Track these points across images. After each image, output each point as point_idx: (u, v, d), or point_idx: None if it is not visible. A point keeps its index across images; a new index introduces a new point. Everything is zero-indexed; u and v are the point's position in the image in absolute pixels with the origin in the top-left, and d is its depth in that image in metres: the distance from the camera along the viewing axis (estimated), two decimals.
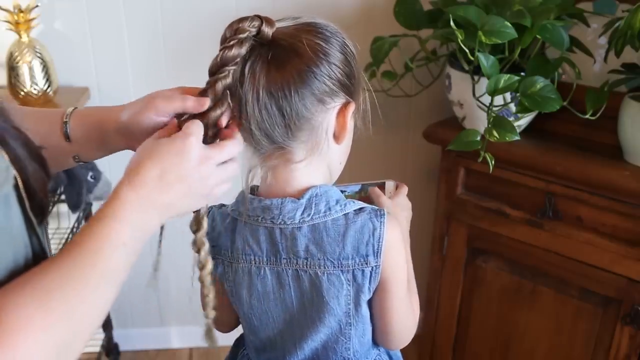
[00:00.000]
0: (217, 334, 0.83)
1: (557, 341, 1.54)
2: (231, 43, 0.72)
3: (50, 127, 0.81)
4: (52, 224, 1.75)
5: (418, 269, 1.03)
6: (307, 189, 0.81)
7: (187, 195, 0.69)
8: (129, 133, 0.77)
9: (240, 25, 0.73)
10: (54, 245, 1.56)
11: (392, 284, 0.83)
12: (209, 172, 0.70)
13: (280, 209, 0.81)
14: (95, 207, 1.87)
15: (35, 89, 1.58)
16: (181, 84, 0.79)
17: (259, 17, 0.74)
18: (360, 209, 0.81)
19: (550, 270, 1.49)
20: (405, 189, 0.97)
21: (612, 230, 1.37)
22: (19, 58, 1.55)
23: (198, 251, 0.77)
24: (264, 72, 0.75)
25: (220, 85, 0.72)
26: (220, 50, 0.73)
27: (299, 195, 0.81)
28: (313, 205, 0.80)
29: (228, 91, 0.74)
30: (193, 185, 0.69)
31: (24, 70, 1.56)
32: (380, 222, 0.80)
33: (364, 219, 0.80)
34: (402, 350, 0.99)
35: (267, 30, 0.74)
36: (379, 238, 0.80)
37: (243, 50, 0.73)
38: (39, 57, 1.57)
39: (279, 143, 0.78)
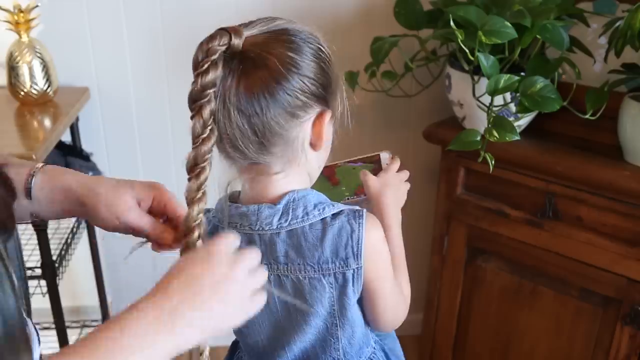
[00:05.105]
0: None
1: (557, 341, 1.54)
2: (205, 67, 0.70)
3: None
4: (52, 224, 1.75)
5: (418, 269, 1.03)
6: (285, 194, 0.80)
7: (225, 304, 0.64)
8: (93, 195, 0.76)
9: (210, 45, 0.70)
10: (53, 246, 1.56)
11: (378, 282, 0.83)
12: (244, 277, 0.66)
13: (257, 215, 0.80)
14: None
15: (35, 89, 1.58)
16: (181, 84, 0.78)
17: (225, 30, 0.72)
18: (339, 212, 0.80)
19: (550, 270, 1.49)
20: (396, 165, 0.96)
21: (612, 230, 1.37)
22: (19, 58, 1.55)
23: None
24: (233, 89, 0.72)
25: (207, 111, 0.70)
26: (196, 75, 0.70)
27: (276, 201, 0.80)
28: (290, 211, 0.79)
29: (213, 117, 0.71)
30: (230, 291, 0.64)
31: (24, 70, 1.56)
32: (359, 223, 0.79)
33: (341, 221, 0.79)
34: (402, 351, 1.00)
35: (237, 42, 0.72)
36: (358, 240, 0.79)
37: (219, 71, 0.71)
38: (39, 57, 1.57)
39: (253, 159, 0.77)
